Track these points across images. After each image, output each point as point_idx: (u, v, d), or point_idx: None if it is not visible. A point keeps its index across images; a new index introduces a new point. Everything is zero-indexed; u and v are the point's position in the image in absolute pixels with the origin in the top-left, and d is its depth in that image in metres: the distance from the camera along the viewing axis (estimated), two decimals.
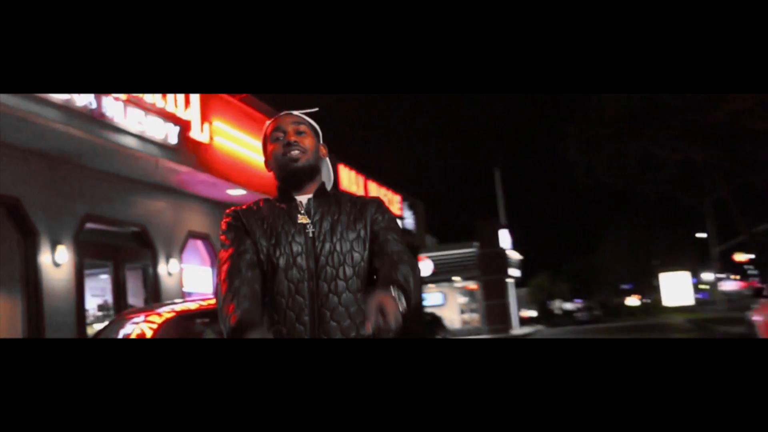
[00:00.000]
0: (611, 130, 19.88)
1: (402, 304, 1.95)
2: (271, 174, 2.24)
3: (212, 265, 11.91)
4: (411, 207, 19.29)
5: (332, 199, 2.28)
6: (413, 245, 19.73)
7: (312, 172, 2.27)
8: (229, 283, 2.08)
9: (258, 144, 11.27)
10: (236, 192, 11.08)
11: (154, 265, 10.56)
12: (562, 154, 22.72)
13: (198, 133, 9.77)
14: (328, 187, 2.33)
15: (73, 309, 8.74)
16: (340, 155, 14.87)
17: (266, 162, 2.31)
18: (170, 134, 9.11)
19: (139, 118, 8.54)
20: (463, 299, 32.98)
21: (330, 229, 2.21)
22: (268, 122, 2.33)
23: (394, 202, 17.82)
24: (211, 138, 10.09)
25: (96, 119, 7.91)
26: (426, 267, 29.48)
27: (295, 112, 2.34)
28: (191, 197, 11.22)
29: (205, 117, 10.01)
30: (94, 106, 7.82)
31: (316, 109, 2.38)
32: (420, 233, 20.35)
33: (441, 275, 30.47)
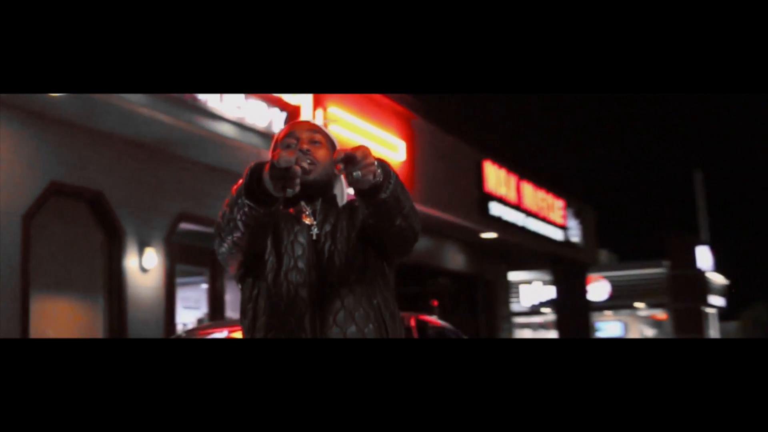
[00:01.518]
0: None
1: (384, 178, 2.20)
2: (397, 174, 2.37)
3: None
4: (577, 215, 18.62)
5: (337, 205, 2.53)
6: (579, 262, 19.05)
7: (323, 188, 2.48)
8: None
9: (382, 134, 11.22)
10: None
11: None
12: None
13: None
14: (340, 204, 2.54)
15: (161, 322, 9.01)
16: (486, 150, 14.55)
17: None
18: (275, 121, 9.16)
19: (237, 103, 8.67)
20: (648, 331, 31.55)
21: (332, 230, 2.44)
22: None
23: (555, 208, 17.26)
24: (326, 126, 10.08)
25: (187, 103, 8.11)
26: (600, 290, 28.48)
27: (314, 120, 2.57)
28: None
29: (318, 101, 10.00)
30: None
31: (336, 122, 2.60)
32: (589, 247, 19.60)
33: (620, 300, 29.39)
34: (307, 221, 2.46)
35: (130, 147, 8.75)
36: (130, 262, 8.75)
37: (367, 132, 10.91)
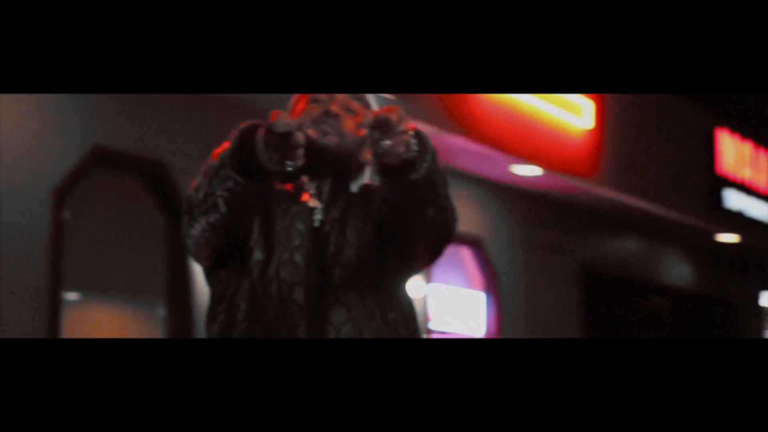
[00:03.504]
0: None
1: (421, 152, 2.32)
2: (580, 147, 2.28)
3: (486, 288, 11.70)
4: None
5: (348, 188, 2.61)
6: None
7: (337, 166, 2.56)
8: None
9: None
10: (526, 171, 10.86)
11: None
12: None
13: None
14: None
15: None
16: (722, 115, 13.88)
17: None
18: None
19: None
20: None
21: (341, 217, 2.53)
22: None
23: None
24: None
25: None
26: None
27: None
28: (449, 176, 10.97)
29: None
30: None
31: (393, 97, 3.10)
32: None
33: None
34: (310, 203, 2.53)
35: (202, 102, 8.65)
36: None
37: None
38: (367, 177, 2.68)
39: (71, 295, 7.89)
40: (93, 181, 8.03)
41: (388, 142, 2.21)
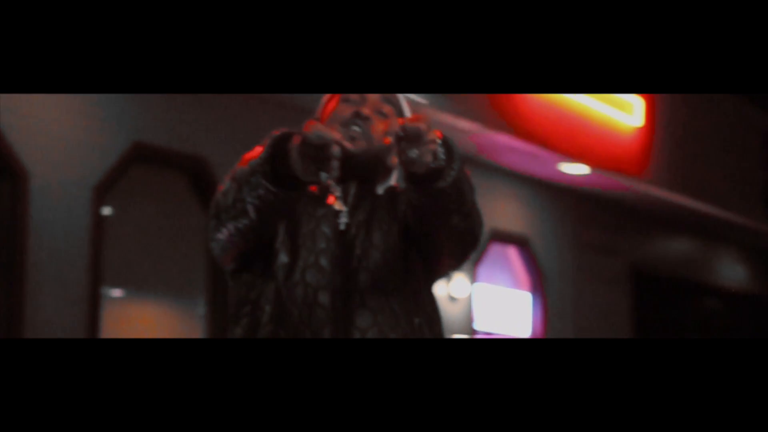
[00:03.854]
0: None
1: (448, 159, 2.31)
2: (630, 145, 2.32)
3: (533, 289, 11.63)
4: None
5: (374, 191, 2.63)
6: None
7: (365, 171, 2.57)
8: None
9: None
10: (574, 169, 10.79)
11: None
12: None
13: None
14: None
15: None
16: None
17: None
18: None
19: None
20: None
21: (366, 220, 2.55)
22: None
23: None
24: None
25: None
26: None
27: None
28: (495, 174, 10.98)
29: None
30: None
31: (426, 102, 3.01)
32: None
33: None
34: (336, 206, 2.53)
35: (242, 99, 8.65)
36: None
37: None
38: (393, 180, 2.67)
39: (112, 292, 7.91)
40: (134, 178, 8.06)
41: (415, 151, 2.22)
